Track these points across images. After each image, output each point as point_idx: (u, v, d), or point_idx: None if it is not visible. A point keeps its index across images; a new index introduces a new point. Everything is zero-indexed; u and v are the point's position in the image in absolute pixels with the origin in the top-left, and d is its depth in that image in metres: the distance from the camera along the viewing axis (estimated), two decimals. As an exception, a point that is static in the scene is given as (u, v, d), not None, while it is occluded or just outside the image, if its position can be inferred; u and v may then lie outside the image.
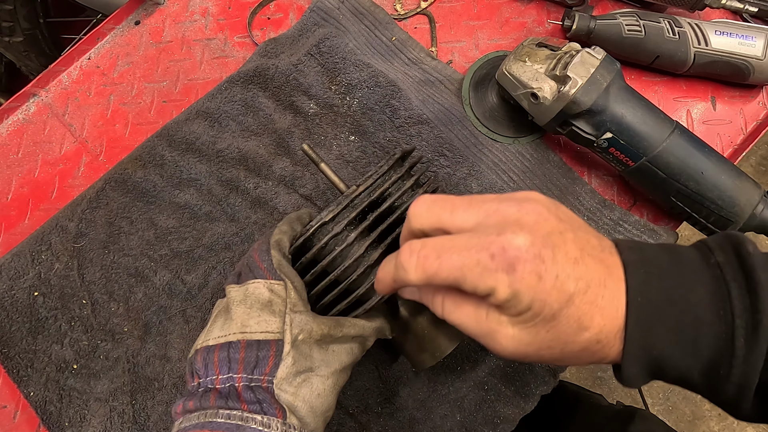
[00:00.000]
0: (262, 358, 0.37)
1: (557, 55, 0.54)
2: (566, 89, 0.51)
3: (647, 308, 0.30)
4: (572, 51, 0.53)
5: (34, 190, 0.66)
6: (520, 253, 0.29)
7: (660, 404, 1.42)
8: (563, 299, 0.29)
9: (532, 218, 0.30)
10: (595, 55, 0.52)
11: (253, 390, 0.36)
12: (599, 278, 0.30)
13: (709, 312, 0.30)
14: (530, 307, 0.29)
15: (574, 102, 0.51)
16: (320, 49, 0.64)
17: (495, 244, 0.29)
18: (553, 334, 0.30)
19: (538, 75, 0.54)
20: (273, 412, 0.35)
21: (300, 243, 0.43)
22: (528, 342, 0.31)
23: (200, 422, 0.35)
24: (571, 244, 0.30)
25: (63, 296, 0.59)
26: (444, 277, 0.30)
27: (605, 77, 0.52)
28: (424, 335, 0.46)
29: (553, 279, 0.29)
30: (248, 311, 0.39)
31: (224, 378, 0.37)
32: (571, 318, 0.30)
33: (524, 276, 0.29)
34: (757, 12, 0.65)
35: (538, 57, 0.55)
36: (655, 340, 0.30)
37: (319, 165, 0.47)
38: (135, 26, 0.72)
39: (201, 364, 0.38)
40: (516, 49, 0.57)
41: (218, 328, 0.39)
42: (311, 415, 0.37)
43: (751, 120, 0.63)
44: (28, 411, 0.57)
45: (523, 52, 0.56)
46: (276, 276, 0.40)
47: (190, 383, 0.39)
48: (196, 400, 0.37)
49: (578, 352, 0.31)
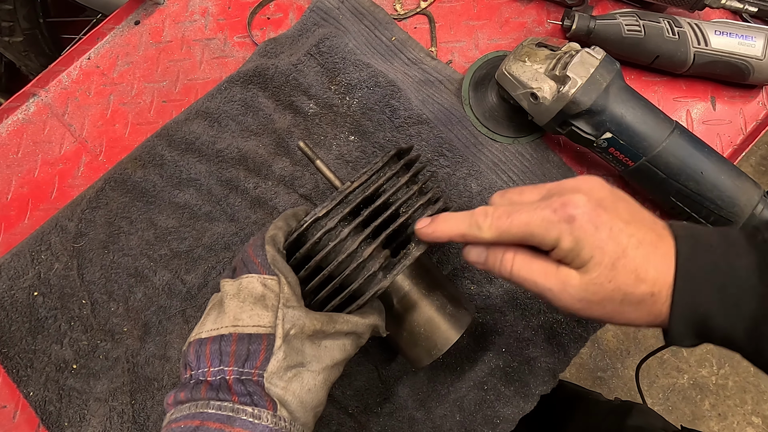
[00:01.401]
0: (253, 352, 0.37)
1: (557, 55, 0.54)
2: (566, 89, 0.51)
3: (695, 272, 0.33)
4: (572, 51, 0.53)
5: (33, 190, 0.66)
6: (578, 207, 0.34)
7: (660, 404, 1.42)
8: (619, 250, 0.33)
9: (589, 185, 0.36)
10: (595, 55, 0.52)
11: (244, 383, 0.37)
12: (651, 239, 0.34)
13: (753, 277, 0.33)
14: (592, 256, 0.34)
15: (574, 102, 0.51)
16: (320, 49, 0.64)
17: (556, 202, 0.35)
18: (615, 284, 0.34)
19: (537, 75, 0.54)
20: (263, 404, 0.36)
21: (294, 238, 0.43)
22: (594, 291, 0.34)
23: (191, 413, 0.36)
24: (623, 211, 0.35)
25: (63, 296, 0.59)
26: (514, 233, 0.36)
27: (605, 77, 0.52)
28: (420, 333, 0.46)
29: (608, 230, 0.33)
30: (241, 305, 0.39)
31: (216, 370, 0.37)
32: (628, 268, 0.33)
33: (582, 224, 0.33)
34: (756, 12, 0.65)
35: (538, 57, 0.55)
36: (701, 300, 0.33)
37: (315, 162, 0.47)
38: (135, 26, 0.72)
39: (193, 356, 0.38)
40: (516, 49, 0.57)
41: (211, 321, 0.40)
42: (301, 410, 0.38)
43: (751, 120, 0.63)
44: (28, 411, 0.57)
45: (523, 52, 0.56)
46: (270, 271, 0.40)
47: (183, 376, 0.40)
48: (187, 391, 0.37)
49: (636, 304, 0.34)
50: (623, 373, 1.45)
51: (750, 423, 1.40)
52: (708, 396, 1.43)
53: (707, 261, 0.34)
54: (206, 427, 0.35)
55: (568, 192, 0.35)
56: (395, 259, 0.43)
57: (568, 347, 0.56)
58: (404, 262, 0.42)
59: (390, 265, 0.43)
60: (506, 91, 0.57)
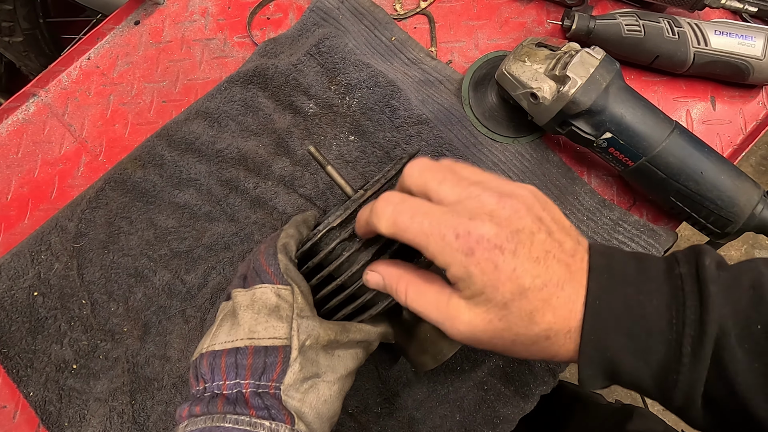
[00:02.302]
0: (270, 365, 0.37)
1: (557, 55, 0.54)
2: (566, 89, 0.51)
3: (604, 312, 0.31)
4: (572, 51, 0.53)
5: (33, 190, 0.66)
6: (482, 241, 0.30)
7: (659, 404, 1.42)
8: (516, 291, 0.31)
9: (507, 213, 0.31)
10: (595, 55, 0.52)
11: (261, 396, 0.36)
12: (558, 280, 0.31)
13: (662, 320, 0.30)
14: (483, 291, 0.31)
15: (574, 102, 0.51)
16: (320, 49, 0.64)
17: (462, 226, 0.31)
18: (506, 323, 0.31)
19: (537, 75, 0.54)
20: (281, 418, 0.35)
21: (308, 248, 0.43)
22: (482, 328, 0.32)
23: (207, 426, 0.35)
24: (538, 245, 0.32)
25: (62, 296, 0.59)
26: (410, 237, 0.32)
27: (605, 77, 0.52)
28: (426, 338, 0.46)
29: (510, 271, 0.30)
30: (256, 317, 0.38)
31: (231, 384, 0.37)
32: (523, 310, 0.31)
33: (480, 261, 0.30)
34: (756, 12, 0.65)
35: (538, 57, 0.55)
36: (609, 344, 0.31)
37: (326, 168, 0.46)
38: (135, 26, 0.72)
39: (207, 368, 0.38)
40: (515, 49, 0.57)
41: (225, 333, 0.39)
42: (318, 421, 0.37)
43: (751, 120, 0.63)
44: (28, 411, 0.57)
45: (523, 52, 0.56)
46: (283, 281, 0.39)
47: (194, 387, 0.39)
48: (203, 405, 0.37)
49: (529, 345, 0.32)
50: (623, 373, 1.44)
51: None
52: (708, 396, 1.43)
53: (619, 299, 0.31)
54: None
55: (482, 215, 0.31)
56: None
57: (568, 347, 0.56)
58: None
59: None
60: (506, 91, 0.57)
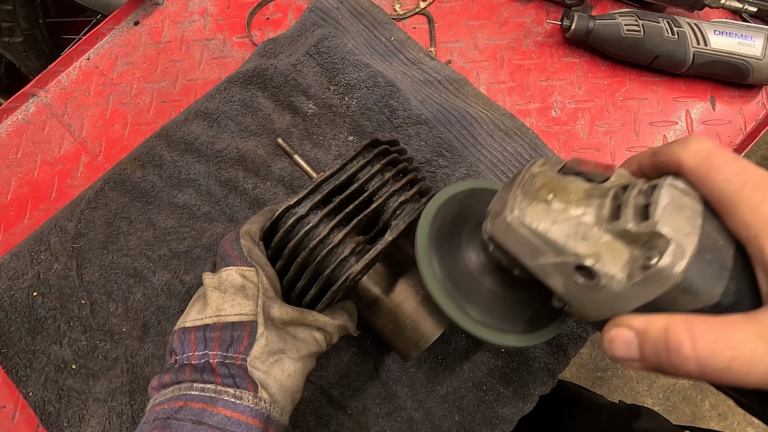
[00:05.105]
0: (237, 338, 0.39)
1: (607, 190, 0.29)
2: (663, 262, 0.25)
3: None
4: (633, 182, 0.29)
5: (33, 190, 0.66)
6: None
7: (660, 404, 1.42)
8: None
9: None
10: (689, 191, 0.27)
11: (228, 366, 0.38)
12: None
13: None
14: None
15: (685, 288, 0.25)
16: (319, 49, 0.64)
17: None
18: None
19: (586, 230, 0.28)
20: (245, 386, 0.37)
21: (268, 227, 0.45)
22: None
23: (175, 395, 0.37)
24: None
25: (62, 296, 0.59)
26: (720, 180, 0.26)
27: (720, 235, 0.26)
28: (406, 325, 0.46)
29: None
30: (223, 296, 0.40)
31: (200, 354, 0.39)
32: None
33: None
34: (756, 12, 0.65)
35: (572, 193, 0.29)
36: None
37: (293, 157, 0.49)
38: (134, 26, 0.72)
39: (177, 342, 0.40)
40: (520, 179, 0.32)
41: (195, 312, 0.41)
42: (281, 393, 0.39)
43: (751, 120, 0.63)
44: (27, 411, 0.57)
45: (539, 185, 0.31)
46: (247, 263, 0.41)
47: (168, 362, 0.41)
48: (171, 373, 0.39)
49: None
50: (623, 372, 1.44)
51: (750, 423, 1.40)
52: (708, 396, 1.43)
53: None
54: (189, 407, 0.36)
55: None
56: (370, 245, 0.44)
57: (568, 348, 0.55)
58: (377, 247, 0.42)
59: (364, 251, 0.43)
60: (513, 258, 0.31)
